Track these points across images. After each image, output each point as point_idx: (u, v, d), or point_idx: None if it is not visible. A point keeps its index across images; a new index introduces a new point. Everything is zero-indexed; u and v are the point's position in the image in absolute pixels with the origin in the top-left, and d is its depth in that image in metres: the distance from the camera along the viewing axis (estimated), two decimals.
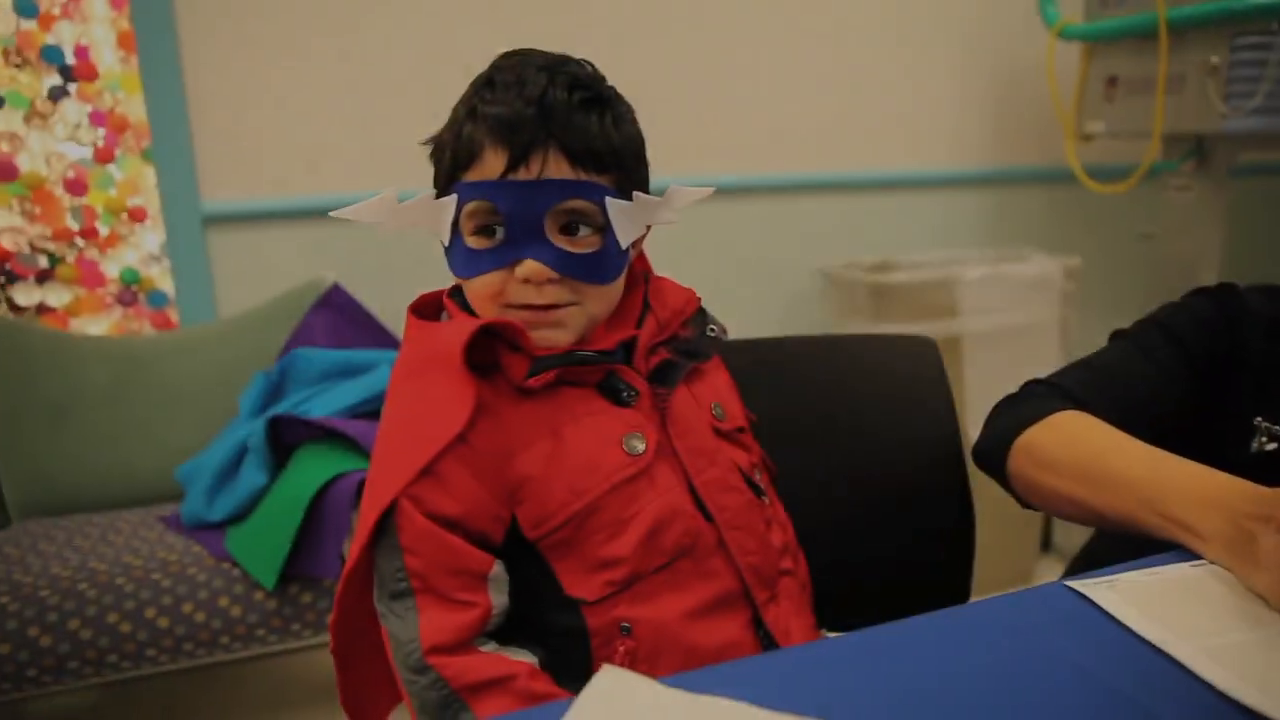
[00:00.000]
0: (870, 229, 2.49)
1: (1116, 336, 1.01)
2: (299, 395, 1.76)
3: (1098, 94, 2.13)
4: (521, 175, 0.75)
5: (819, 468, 1.14)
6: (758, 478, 0.88)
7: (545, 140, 0.75)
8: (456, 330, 0.76)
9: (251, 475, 1.60)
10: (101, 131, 2.00)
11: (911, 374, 1.16)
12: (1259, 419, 0.91)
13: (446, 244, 0.79)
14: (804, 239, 2.43)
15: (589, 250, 0.77)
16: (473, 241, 0.77)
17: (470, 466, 0.74)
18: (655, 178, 0.86)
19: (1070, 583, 0.69)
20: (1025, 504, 0.92)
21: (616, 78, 0.84)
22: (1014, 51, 2.50)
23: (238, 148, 1.98)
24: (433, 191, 0.79)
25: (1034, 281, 2.12)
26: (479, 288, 0.78)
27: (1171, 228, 2.11)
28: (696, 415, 0.84)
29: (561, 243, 0.77)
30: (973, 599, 1.13)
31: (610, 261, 0.79)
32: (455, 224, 0.77)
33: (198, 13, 1.90)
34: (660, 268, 0.91)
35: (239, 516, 1.60)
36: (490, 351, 0.78)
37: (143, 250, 2.09)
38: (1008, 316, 2.12)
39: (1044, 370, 0.98)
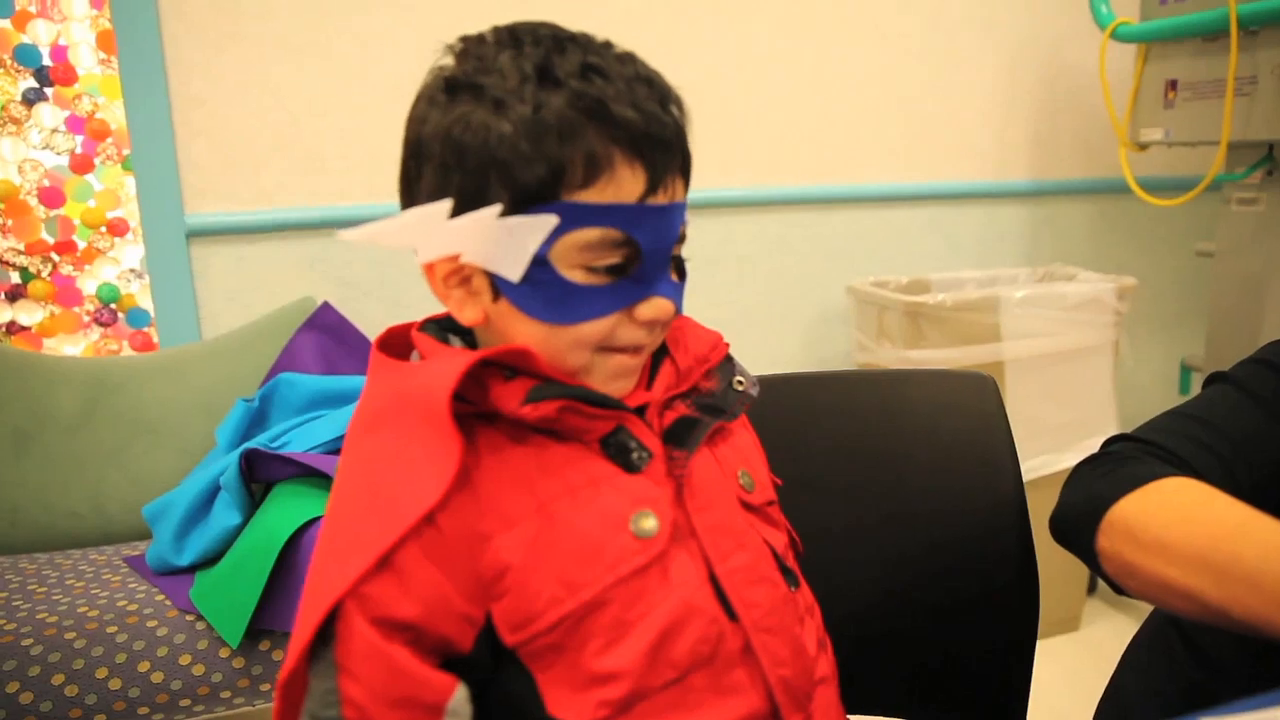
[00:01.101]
0: (904, 245, 2.32)
1: (1215, 380, 0.84)
2: (282, 425, 1.62)
3: (1155, 99, 1.96)
4: (660, 199, 0.61)
5: (852, 528, 0.98)
6: (791, 561, 0.72)
7: (679, 158, 0.63)
8: (441, 369, 0.59)
9: (223, 515, 1.45)
10: (79, 139, 1.88)
11: (966, 419, 0.99)
12: None
13: (517, 279, 0.60)
14: (832, 255, 2.27)
15: (682, 282, 0.67)
16: (579, 276, 0.60)
17: (435, 556, 0.58)
18: None
19: None
20: (1119, 589, 0.75)
21: None
22: (1062, 54, 2.33)
23: (225, 157, 1.85)
24: (496, 208, 0.58)
25: (1084, 302, 1.95)
26: (586, 335, 0.61)
27: (1234, 244, 1.93)
28: (721, 485, 0.67)
29: (674, 276, 0.65)
30: None
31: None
32: (539, 254, 0.59)
33: (183, 13, 1.77)
34: None
35: (210, 561, 1.45)
36: (475, 395, 0.61)
37: (123, 266, 1.96)
38: (1055, 341, 1.94)
39: (1094, 400, 0.81)
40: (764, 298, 2.24)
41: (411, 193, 0.64)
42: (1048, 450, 1.95)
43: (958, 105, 2.31)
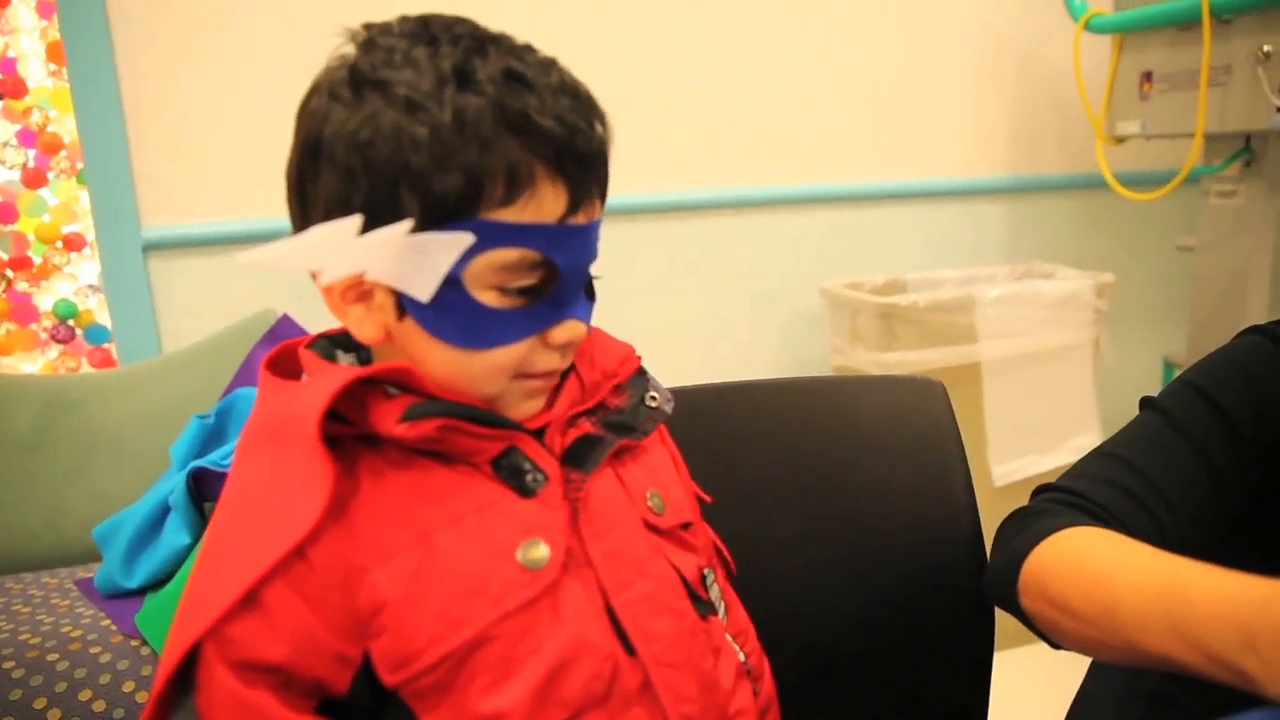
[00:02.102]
0: (879, 245, 2.28)
1: (1146, 407, 0.80)
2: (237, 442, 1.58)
3: (1131, 91, 1.92)
4: (580, 219, 0.57)
5: (796, 542, 0.94)
6: (708, 587, 0.68)
7: (600, 176, 0.59)
8: (317, 388, 0.55)
9: (173, 536, 1.41)
10: (32, 153, 1.84)
11: (915, 425, 0.95)
12: None
13: (428, 299, 0.55)
14: (806, 256, 2.22)
15: (592, 303, 0.64)
16: (493, 299, 0.56)
17: (304, 593, 0.54)
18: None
19: None
20: (1057, 645, 0.71)
21: (594, 79, 0.65)
22: (1036, 47, 2.29)
23: (182, 169, 1.82)
24: (407, 223, 0.54)
25: (1062, 300, 1.91)
26: (500, 361, 0.58)
27: (1214, 238, 1.89)
28: (623, 509, 0.63)
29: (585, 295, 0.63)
30: None
31: None
32: (451, 274, 0.55)
33: (134, 21, 1.73)
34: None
35: (160, 583, 1.41)
36: (357, 416, 0.57)
37: (80, 282, 1.92)
38: (1033, 340, 1.90)
39: (1074, 400, 0.77)
40: (738, 301, 2.19)
41: (304, 195, 0.59)
42: (1027, 452, 1.91)
43: (932, 101, 2.26)
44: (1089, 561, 0.64)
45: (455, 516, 0.57)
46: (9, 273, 1.86)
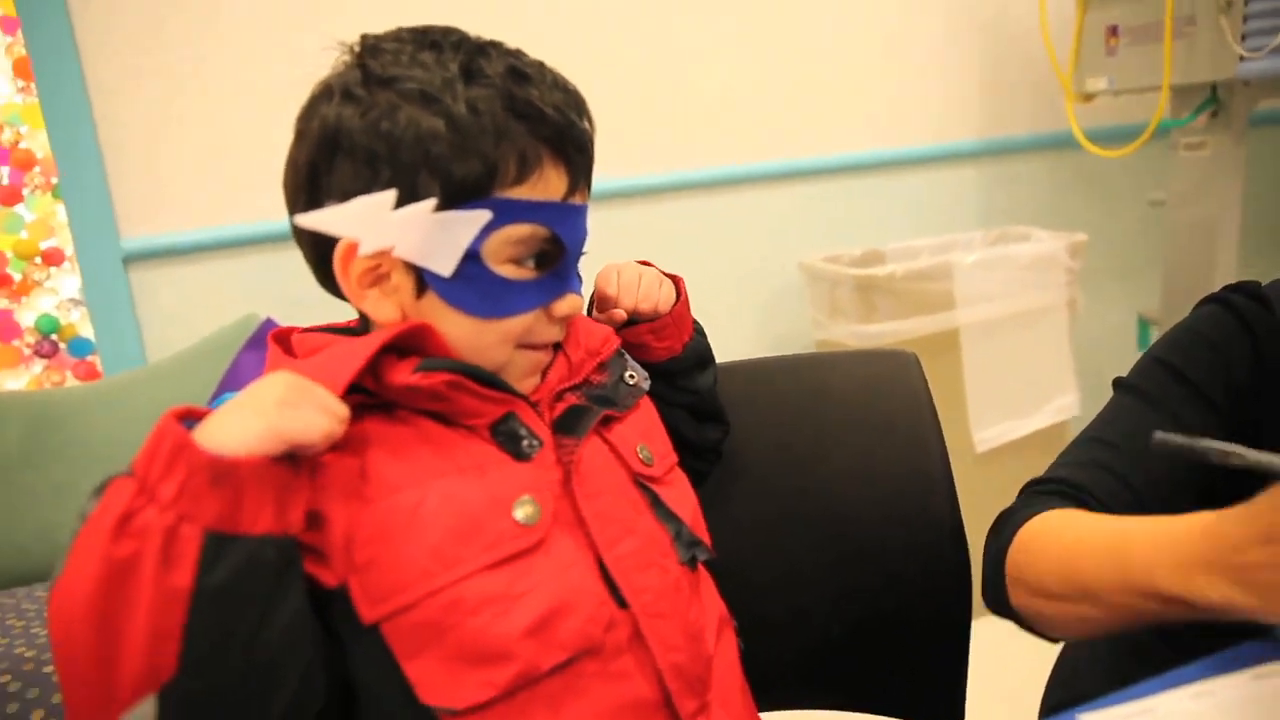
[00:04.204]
0: (855, 217, 2.29)
1: (1119, 387, 0.81)
2: None
3: (1097, 46, 1.92)
4: (578, 200, 0.66)
5: (774, 519, 0.95)
6: (702, 529, 0.74)
7: (589, 163, 0.67)
8: (345, 352, 0.58)
9: None
10: (5, 170, 1.84)
11: (890, 399, 0.96)
12: None
13: (450, 273, 0.61)
14: (783, 232, 2.23)
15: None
16: (509, 271, 0.63)
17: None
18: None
19: (1087, 717, 0.51)
20: (1050, 638, 0.73)
21: (565, 61, 0.70)
22: (1001, 6, 2.28)
23: (158, 178, 1.81)
24: (430, 202, 0.59)
25: (1037, 262, 1.92)
26: (511, 329, 0.64)
27: (1184, 191, 1.90)
28: (612, 474, 0.68)
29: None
30: None
31: None
32: (471, 249, 0.61)
33: (100, 33, 1.73)
34: None
35: None
36: (371, 386, 0.62)
37: (61, 296, 1.93)
38: (1010, 304, 1.92)
39: (1052, 361, 0.79)
40: (718, 279, 2.20)
41: (315, 188, 0.63)
42: (1007, 417, 1.93)
43: (901, 68, 2.26)
44: (1054, 541, 0.67)
45: (459, 468, 0.61)
46: None
